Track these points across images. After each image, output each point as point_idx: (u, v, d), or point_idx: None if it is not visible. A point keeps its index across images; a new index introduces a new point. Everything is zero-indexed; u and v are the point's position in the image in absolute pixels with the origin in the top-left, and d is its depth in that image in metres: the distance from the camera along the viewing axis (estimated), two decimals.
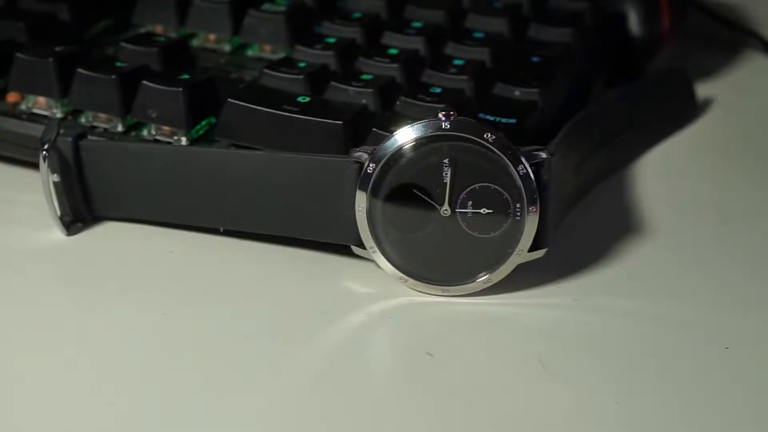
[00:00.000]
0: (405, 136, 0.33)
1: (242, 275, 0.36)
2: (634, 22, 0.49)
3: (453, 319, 0.34)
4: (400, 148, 0.33)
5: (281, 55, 0.44)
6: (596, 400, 0.30)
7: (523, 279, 0.35)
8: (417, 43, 0.43)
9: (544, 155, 0.34)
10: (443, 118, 0.33)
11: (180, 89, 0.38)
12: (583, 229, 0.38)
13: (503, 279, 0.34)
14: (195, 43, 0.46)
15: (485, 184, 0.33)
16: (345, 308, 0.34)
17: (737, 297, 0.35)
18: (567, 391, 0.31)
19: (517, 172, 0.33)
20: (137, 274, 0.36)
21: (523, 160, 0.33)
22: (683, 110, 0.48)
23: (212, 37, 0.46)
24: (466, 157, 0.33)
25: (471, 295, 0.34)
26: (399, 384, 0.31)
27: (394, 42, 0.43)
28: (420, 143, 0.33)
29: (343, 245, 0.35)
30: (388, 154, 0.33)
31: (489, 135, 0.33)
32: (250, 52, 0.45)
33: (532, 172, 0.33)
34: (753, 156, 0.45)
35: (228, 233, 0.37)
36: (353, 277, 0.35)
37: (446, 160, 0.33)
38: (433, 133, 0.33)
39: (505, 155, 0.33)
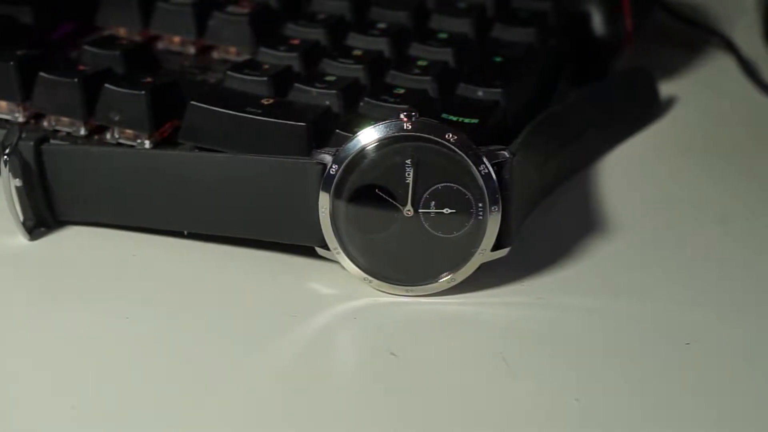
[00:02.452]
0: (367, 137, 0.33)
1: (206, 278, 0.36)
2: (597, 22, 0.49)
3: (417, 318, 0.34)
4: (363, 149, 0.33)
5: (246, 57, 0.44)
6: (557, 397, 0.31)
7: (486, 278, 0.35)
8: (381, 44, 0.43)
9: (506, 155, 0.34)
10: (405, 119, 0.33)
11: (143, 92, 0.38)
12: (546, 228, 0.39)
13: (467, 278, 0.34)
14: (159, 45, 0.46)
15: (447, 184, 0.34)
16: (309, 309, 0.34)
17: (697, 293, 0.36)
18: (529, 388, 0.31)
19: (479, 172, 0.33)
20: (100, 278, 0.36)
21: (484, 160, 0.33)
22: (646, 109, 0.48)
23: (177, 39, 0.46)
24: (428, 157, 0.33)
25: (435, 294, 0.35)
26: (362, 384, 0.31)
27: (359, 43, 0.44)
28: (382, 144, 0.33)
29: (308, 247, 0.35)
30: (351, 155, 0.33)
31: (450, 135, 0.33)
32: (214, 54, 0.45)
33: (494, 171, 0.33)
34: (715, 154, 0.45)
35: (192, 236, 0.37)
36: (318, 278, 0.35)
37: (408, 161, 0.33)
38: (395, 134, 0.33)
39: (466, 155, 0.33)
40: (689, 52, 0.55)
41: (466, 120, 0.38)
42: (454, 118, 0.38)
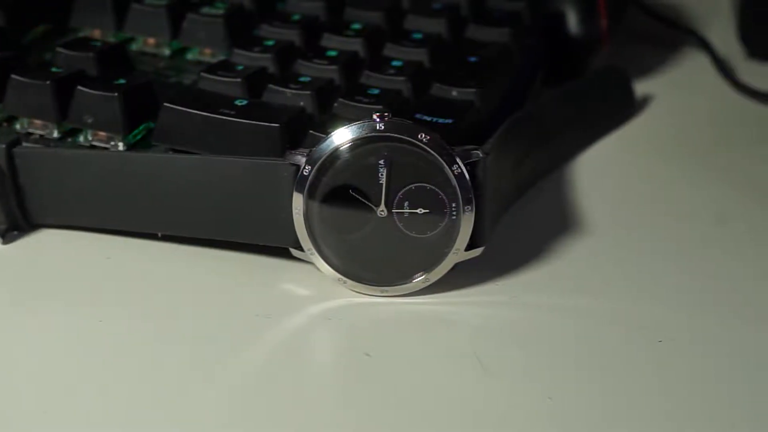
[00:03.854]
0: (340, 137, 0.33)
1: (181, 280, 0.35)
2: (572, 22, 0.50)
3: (391, 319, 0.34)
4: (336, 149, 0.33)
5: (221, 58, 0.44)
6: (531, 396, 0.31)
7: (461, 278, 0.35)
8: (356, 45, 0.43)
9: (479, 154, 0.34)
10: (377, 120, 0.33)
11: (116, 94, 0.38)
12: (520, 228, 0.39)
13: (441, 278, 0.34)
14: (134, 47, 0.46)
15: (421, 184, 0.34)
16: (284, 310, 0.34)
17: (669, 291, 0.36)
18: (502, 387, 0.31)
19: (452, 171, 0.33)
20: (74, 281, 0.35)
21: (457, 159, 0.33)
22: (622, 108, 0.48)
23: (151, 40, 0.46)
24: (401, 157, 0.33)
25: (409, 294, 0.35)
26: (336, 385, 0.31)
27: (333, 44, 0.44)
28: (355, 145, 0.33)
29: (282, 248, 0.35)
30: (324, 156, 0.33)
31: (423, 135, 0.33)
32: (189, 56, 0.45)
33: (467, 171, 0.33)
34: (690, 153, 0.46)
35: (166, 238, 0.37)
36: (292, 279, 0.35)
37: (381, 161, 0.33)
38: (368, 135, 0.33)
39: (439, 155, 0.33)
40: (665, 52, 0.56)
41: (441, 120, 0.38)
42: (429, 119, 0.38)
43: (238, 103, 0.38)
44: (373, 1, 0.47)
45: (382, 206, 0.34)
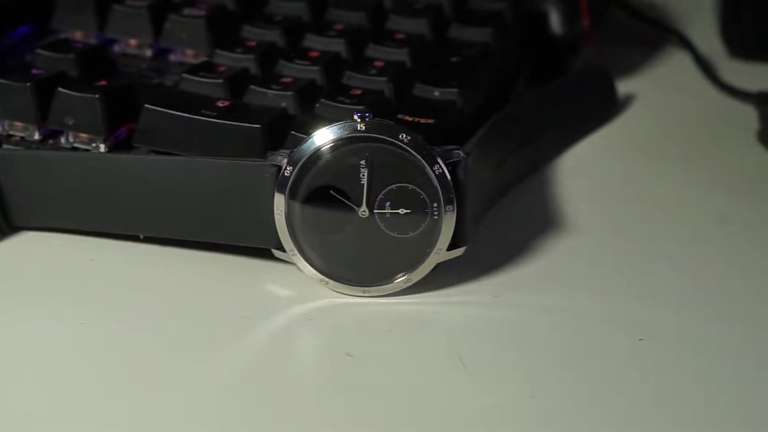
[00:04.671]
0: (321, 138, 0.33)
1: (163, 282, 0.35)
2: (555, 21, 0.50)
3: (373, 319, 0.34)
4: (317, 150, 0.33)
5: (203, 59, 0.44)
6: (513, 395, 0.31)
7: (443, 278, 0.35)
8: (338, 45, 0.43)
9: (460, 154, 0.34)
10: (358, 120, 0.33)
11: (96, 95, 0.38)
12: (503, 227, 0.39)
13: (423, 278, 0.34)
14: (116, 48, 0.45)
15: (402, 184, 0.34)
16: (266, 311, 0.34)
17: (651, 290, 0.36)
18: (485, 387, 0.31)
19: (433, 171, 0.33)
20: (57, 284, 0.35)
21: (438, 159, 0.33)
22: (604, 108, 0.49)
23: (133, 42, 0.45)
24: (382, 158, 0.33)
25: (392, 295, 0.35)
26: (318, 385, 0.31)
27: (316, 44, 0.44)
28: (336, 145, 0.33)
29: (264, 249, 0.35)
30: (305, 157, 0.33)
31: (404, 136, 0.33)
32: (172, 57, 0.45)
33: (449, 171, 0.33)
34: (672, 152, 0.46)
35: (148, 240, 0.37)
36: (274, 280, 0.35)
37: (363, 162, 0.33)
38: (349, 135, 0.33)
39: (420, 155, 0.33)
40: (647, 51, 0.56)
41: (422, 120, 0.38)
42: (410, 119, 0.38)
43: (219, 104, 0.38)
44: (356, 2, 0.47)
45: (364, 206, 0.34)
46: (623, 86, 0.51)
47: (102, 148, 0.38)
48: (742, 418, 0.30)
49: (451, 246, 0.34)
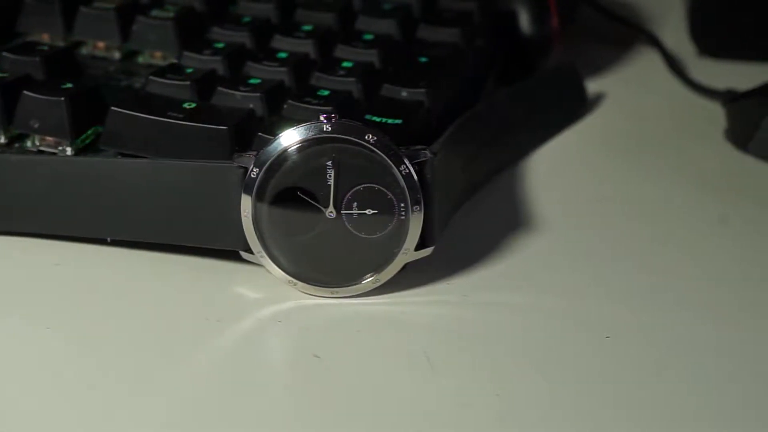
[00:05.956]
0: (288, 139, 0.33)
1: (131, 285, 0.35)
2: (524, 21, 0.50)
3: (341, 320, 0.34)
4: (283, 151, 0.33)
5: (172, 61, 0.44)
6: (479, 393, 0.31)
7: (411, 278, 0.35)
8: (306, 46, 0.43)
9: (427, 154, 0.34)
10: (324, 121, 0.33)
11: (62, 98, 0.38)
12: (471, 227, 0.39)
13: (392, 278, 0.34)
14: (84, 51, 0.45)
15: (369, 185, 0.34)
16: (235, 314, 0.34)
17: (617, 288, 0.36)
18: (450, 385, 0.31)
19: (400, 172, 0.33)
20: (22, 288, 0.35)
21: (405, 160, 0.33)
22: (574, 106, 0.49)
23: (101, 44, 0.45)
24: (349, 158, 0.33)
25: (360, 295, 0.35)
26: (285, 386, 0.31)
27: (284, 45, 0.43)
28: (303, 146, 0.33)
29: (232, 251, 0.35)
30: (271, 158, 0.33)
31: (370, 136, 0.33)
32: (140, 59, 0.45)
33: (415, 171, 0.33)
34: (642, 150, 0.46)
35: (116, 243, 0.37)
36: (243, 282, 0.35)
37: (329, 163, 0.33)
38: (315, 136, 0.33)
39: (386, 155, 0.33)
40: (616, 50, 0.56)
41: (390, 121, 0.38)
42: (378, 119, 0.38)
43: (186, 106, 0.38)
44: (324, 3, 0.47)
45: (331, 207, 0.34)
46: (593, 85, 0.51)
47: (69, 151, 0.38)
48: (709, 417, 0.30)
49: (419, 246, 0.34)
